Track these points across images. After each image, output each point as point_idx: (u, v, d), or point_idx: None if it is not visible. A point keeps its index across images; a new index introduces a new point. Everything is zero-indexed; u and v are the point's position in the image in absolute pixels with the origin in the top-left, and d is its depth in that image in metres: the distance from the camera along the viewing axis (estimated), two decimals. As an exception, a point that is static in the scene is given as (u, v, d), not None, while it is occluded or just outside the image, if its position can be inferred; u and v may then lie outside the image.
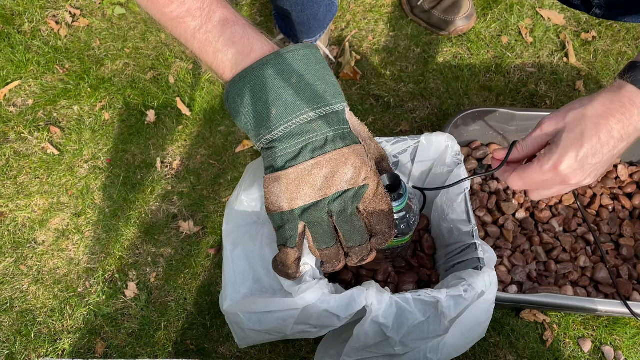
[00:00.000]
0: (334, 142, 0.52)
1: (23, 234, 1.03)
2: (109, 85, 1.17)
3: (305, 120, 0.51)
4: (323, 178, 0.51)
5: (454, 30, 1.19)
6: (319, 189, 0.52)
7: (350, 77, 1.18)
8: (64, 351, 0.93)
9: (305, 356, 0.91)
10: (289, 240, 0.54)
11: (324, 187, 0.52)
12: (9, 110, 1.15)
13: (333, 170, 0.51)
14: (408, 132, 1.12)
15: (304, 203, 0.52)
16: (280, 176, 0.52)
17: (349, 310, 0.60)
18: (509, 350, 0.91)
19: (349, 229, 0.53)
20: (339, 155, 0.51)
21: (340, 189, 0.52)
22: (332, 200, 0.52)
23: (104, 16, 1.27)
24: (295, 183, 0.51)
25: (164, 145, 1.11)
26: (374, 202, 0.54)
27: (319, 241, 0.54)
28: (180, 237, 1.02)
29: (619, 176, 1.00)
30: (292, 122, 0.50)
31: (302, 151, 0.51)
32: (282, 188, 0.52)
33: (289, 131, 0.51)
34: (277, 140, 0.51)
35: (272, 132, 0.51)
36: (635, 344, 0.91)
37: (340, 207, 0.52)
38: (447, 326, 0.63)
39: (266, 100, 0.51)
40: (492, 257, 0.70)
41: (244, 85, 0.51)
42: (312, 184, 0.51)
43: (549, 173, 0.58)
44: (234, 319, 0.66)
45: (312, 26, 1.00)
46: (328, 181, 0.51)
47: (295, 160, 0.51)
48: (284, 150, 0.51)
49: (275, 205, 0.53)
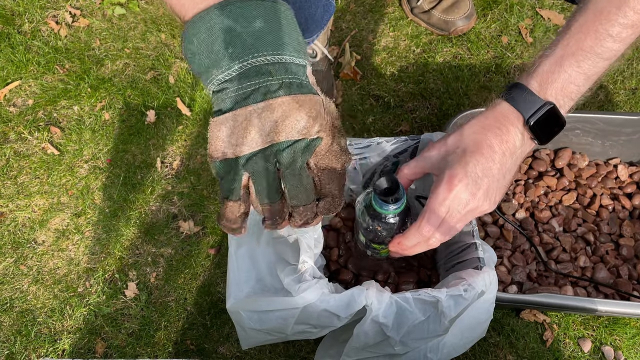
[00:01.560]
0: (289, 87, 0.47)
1: (23, 234, 1.03)
2: (109, 85, 1.18)
3: (263, 62, 0.47)
4: (273, 122, 0.47)
5: (454, 30, 1.19)
6: (267, 135, 0.47)
7: (350, 77, 1.18)
8: (64, 351, 0.93)
9: (305, 356, 0.91)
10: (232, 193, 0.49)
11: (273, 133, 0.47)
12: (9, 110, 1.16)
13: (284, 114, 0.47)
14: (408, 132, 1.12)
15: (249, 150, 0.47)
16: (227, 118, 0.47)
17: (348, 309, 0.60)
18: (509, 350, 0.91)
19: (296, 184, 0.49)
20: (293, 101, 0.47)
21: (290, 137, 0.47)
22: (280, 149, 0.48)
23: (104, 16, 1.27)
24: (242, 126, 0.47)
25: (164, 145, 1.11)
26: (327, 157, 0.50)
27: (262, 194, 0.50)
28: (180, 237, 1.02)
29: (619, 176, 1.00)
30: (247, 62, 0.47)
31: (254, 93, 0.47)
32: (227, 132, 0.47)
33: (243, 71, 0.47)
34: (228, 80, 0.47)
35: (225, 72, 0.47)
36: (635, 344, 0.91)
37: (289, 157, 0.48)
38: (447, 326, 0.63)
39: (223, 39, 0.47)
40: (492, 257, 0.70)
41: (202, 24, 0.47)
42: (261, 128, 0.47)
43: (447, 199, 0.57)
44: (236, 317, 0.66)
45: (310, 26, 1.00)
46: (278, 126, 0.47)
47: (245, 101, 0.47)
48: (235, 92, 0.47)
49: (219, 151, 0.48)
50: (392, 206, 0.60)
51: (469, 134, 0.58)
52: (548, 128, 0.57)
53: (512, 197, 0.98)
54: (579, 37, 0.55)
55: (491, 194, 0.57)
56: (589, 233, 0.95)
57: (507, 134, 0.57)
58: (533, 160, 1.00)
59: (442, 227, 0.59)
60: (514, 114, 0.57)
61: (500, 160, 0.57)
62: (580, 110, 1.12)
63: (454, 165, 0.57)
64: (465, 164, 0.56)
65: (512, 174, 0.60)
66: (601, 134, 0.96)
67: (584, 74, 0.56)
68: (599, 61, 0.55)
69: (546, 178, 0.98)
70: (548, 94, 0.56)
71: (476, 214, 0.59)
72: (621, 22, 0.53)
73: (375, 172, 0.84)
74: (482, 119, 0.58)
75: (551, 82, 0.56)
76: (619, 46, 0.55)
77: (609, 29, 0.54)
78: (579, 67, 0.55)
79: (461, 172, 0.56)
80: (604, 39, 0.54)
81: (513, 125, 0.57)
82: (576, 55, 0.55)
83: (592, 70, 0.56)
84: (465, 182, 0.56)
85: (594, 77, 0.57)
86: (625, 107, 1.13)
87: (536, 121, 0.56)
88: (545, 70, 0.56)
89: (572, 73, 0.56)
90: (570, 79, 0.56)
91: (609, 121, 0.94)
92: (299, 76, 0.49)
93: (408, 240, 0.61)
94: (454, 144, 0.59)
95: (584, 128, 0.96)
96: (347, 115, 1.14)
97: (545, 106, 0.56)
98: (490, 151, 0.56)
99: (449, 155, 0.59)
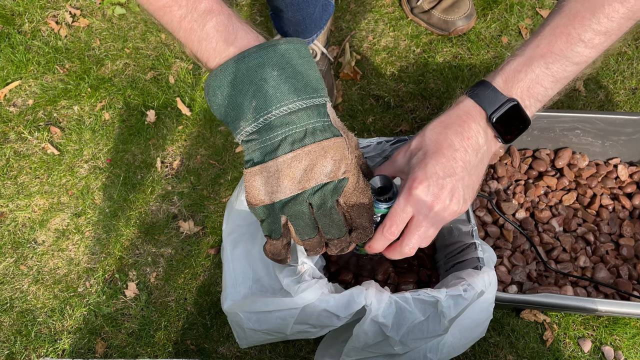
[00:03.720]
0: (313, 135, 0.51)
1: (23, 234, 1.03)
2: (109, 85, 1.18)
3: (285, 112, 0.50)
4: (302, 171, 0.51)
5: (454, 30, 1.19)
6: (299, 182, 0.51)
7: (350, 77, 1.18)
8: (64, 351, 0.93)
9: (305, 356, 0.91)
10: (273, 232, 0.54)
11: (303, 180, 0.51)
12: (9, 110, 1.16)
13: (312, 163, 0.51)
14: (408, 132, 1.12)
15: (284, 196, 0.51)
16: (260, 170, 0.51)
17: (348, 309, 0.60)
18: (509, 350, 0.91)
19: (328, 222, 0.53)
20: (318, 148, 0.51)
21: (319, 182, 0.51)
22: (311, 193, 0.52)
23: (104, 16, 1.27)
24: (275, 176, 0.51)
25: (164, 145, 1.11)
26: (354, 195, 0.53)
27: (300, 233, 0.54)
28: (180, 237, 1.02)
29: (619, 176, 1.00)
30: (272, 114, 0.50)
31: (282, 144, 0.50)
32: (262, 182, 0.51)
33: (268, 123, 0.50)
34: (256, 132, 0.51)
35: (252, 124, 0.50)
36: (635, 344, 0.91)
37: (319, 200, 0.52)
38: (446, 326, 0.63)
39: (246, 92, 0.50)
40: (491, 257, 0.70)
41: (224, 77, 0.51)
42: (292, 177, 0.51)
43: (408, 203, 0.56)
44: (234, 318, 0.66)
45: (308, 26, 1.01)
46: (307, 174, 0.51)
47: (275, 153, 0.50)
48: (263, 143, 0.51)
49: (257, 199, 0.53)
50: (383, 205, 0.60)
51: (430, 135, 0.58)
52: (511, 126, 0.57)
53: (512, 197, 0.98)
54: (550, 40, 0.55)
55: (457, 193, 0.56)
56: (589, 233, 0.95)
57: (469, 131, 0.56)
58: (533, 160, 1.00)
59: (412, 232, 0.58)
60: (477, 110, 0.57)
61: (463, 158, 0.56)
62: (580, 110, 1.12)
63: (415, 169, 0.57)
64: (425, 165, 0.56)
65: (479, 171, 0.58)
66: (601, 134, 0.96)
67: (552, 76, 0.55)
68: (568, 65, 0.55)
69: (546, 178, 0.98)
70: (513, 92, 0.56)
71: (447, 215, 0.57)
72: (594, 28, 0.53)
73: (375, 172, 0.84)
74: (444, 118, 0.58)
75: (517, 80, 0.56)
76: (590, 52, 0.54)
77: (582, 33, 0.53)
78: (547, 68, 0.55)
79: (421, 174, 0.56)
80: (575, 43, 0.54)
81: (475, 121, 0.57)
82: (545, 57, 0.55)
83: (560, 74, 0.55)
84: (426, 184, 0.55)
85: (563, 80, 0.56)
86: (625, 107, 1.13)
87: (499, 118, 0.56)
88: (512, 69, 0.56)
89: (540, 74, 0.55)
90: (537, 80, 0.55)
91: (609, 121, 0.94)
92: (320, 117, 0.52)
93: (375, 242, 0.60)
94: (416, 147, 0.59)
95: (584, 128, 0.96)
96: (347, 115, 1.14)
97: (507, 102, 0.55)
98: (451, 150, 0.56)
99: (412, 158, 0.59)
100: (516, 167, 1.01)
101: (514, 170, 1.00)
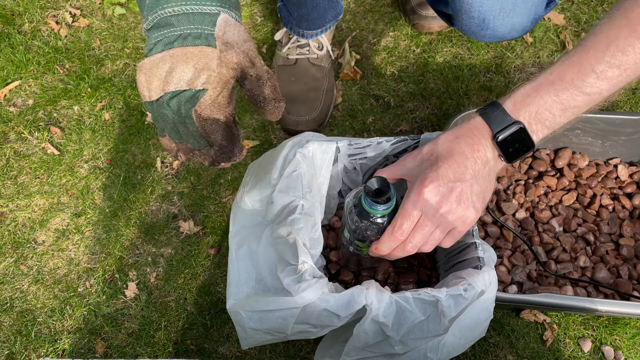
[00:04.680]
0: (184, 40, 0.51)
1: (23, 234, 1.03)
2: (109, 85, 1.18)
3: (169, 14, 0.51)
4: (166, 73, 0.51)
5: (429, 27, 1.19)
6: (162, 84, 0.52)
7: (350, 77, 1.18)
8: (64, 351, 0.93)
9: (305, 356, 0.91)
10: (158, 129, 0.56)
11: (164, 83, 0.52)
12: (9, 110, 1.16)
13: (173, 66, 0.51)
14: (408, 132, 1.12)
15: (156, 95, 0.52)
16: (140, 66, 0.52)
17: (348, 309, 0.60)
18: (509, 350, 0.91)
19: (184, 130, 0.54)
20: (181, 52, 0.51)
21: (179, 87, 0.51)
22: (171, 97, 0.52)
23: (104, 16, 1.27)
24: (149, 74, 0.52)
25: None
26: (209, 109, 0.53)
27: (169, 134, 0.55)
28: (180, 237, 1.02)
29: (619, 176, 1.00)
30: (157, 14, 0.51)
31: (158, 44, 0.51)
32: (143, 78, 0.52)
33: (155, 22, 0.51)
34: (149, 30, 0.52)
35: (145, 22, 0.52)
36: (635, 344, 0.91)
37: (175, 106, 0.52)
38: (447, 325, 0.63)
39: None
40: (492, 257, 0.70)
41: None
42: (159, 77, 0.51)
43: (418, 201, 0.58)
44: (236, 317, 0.66)
45: (311, 14, 1.01)
46: (167, 77, 0.51)
47: (151, 51, 0.52)
48: (149, 41, 0.52)
49: (142, 94, 0.54)
50: (381, 207, 0.60)
51: (443, 143, 0.60)
52: (515, 147, 0.59)
53: (512, 197, 0.98)
54: (562, 69, 0.57)
55: (465, 198, 0.59)
56: (589, 233, 0.95)
57: (479, 144, 0.59)
58: (533, 160, 1.00)
59: (416, 230, 0.60)
60: (485, 128, 0.59)
61: (472, 167, 0.59)
62: (580, 110, 1.12)
63: (426, 171, 0.59)
64: (437, 168, 0.58)
65: (487, 181, 0.61)
66: (601, 134, 0.96)
67: (561, 104, 0.57)
68: (578, 94, 0.56)
69: (546, 178, 0.98)
70: (520, 115, 0.58)
71: (452, 219, 0.59)
72: (607, 60, 0.54)
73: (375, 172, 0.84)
74: (457, 130, 0.61)
75: (525, 104, 0.58)
76: (602, 84, 0.55)
77: (595, 65, 0.55)
78: (556, 95, 0.56)
79: (433, 175, 0.58)
80: (587, 73, 0.55)
81: (484, 137, 0.59)
82: (555, 84, 0.56)
83: (570, 102, 0.57)
84: (436, 184, 0.58)
85: (573, 110, 0.57)
86: (625, 107, 1.13)
87: (504, 138, 0.58)
88: (522, 93, 0.58)
89: (548, 100, 0.57)
90: (545, 106, 0.57)
91: (609, 121, 0.94)
92: (202, 25, 0.51)
93: (383, 244, 0.62)
94: (428, 152, 0.62)
95: (584, 128, 0.96)
96: (347, 115, 1.14)
97: (513, 125, 0.58)
98: (462, 157, 0.58)
99: (423, 162, 0.62)
100: (516, 167, 1.01)
101: (513, 170, 1.00)
